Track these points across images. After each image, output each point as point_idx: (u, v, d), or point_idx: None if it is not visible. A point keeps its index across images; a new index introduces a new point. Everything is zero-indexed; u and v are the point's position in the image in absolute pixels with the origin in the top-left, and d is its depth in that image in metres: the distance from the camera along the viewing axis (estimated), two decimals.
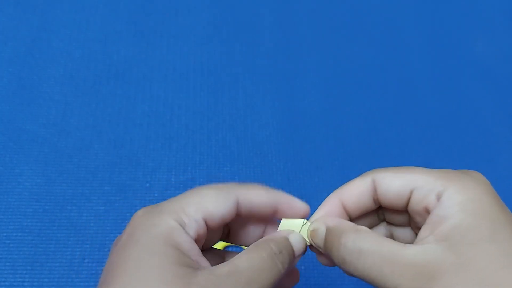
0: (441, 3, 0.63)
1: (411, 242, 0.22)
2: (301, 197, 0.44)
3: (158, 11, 0.55)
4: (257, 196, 0.23)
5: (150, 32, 0.53)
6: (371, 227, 0.25)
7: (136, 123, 0.46)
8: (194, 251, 0.20)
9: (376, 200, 0.24)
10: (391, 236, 0.26)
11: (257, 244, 0.22)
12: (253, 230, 0.26)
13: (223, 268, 0.20)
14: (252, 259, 0.21)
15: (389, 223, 0.26)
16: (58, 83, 0.47)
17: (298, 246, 0.23)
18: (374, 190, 0.23)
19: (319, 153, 0.47)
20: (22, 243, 0.38)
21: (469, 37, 0.60)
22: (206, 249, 0.25)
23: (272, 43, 0.54)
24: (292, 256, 0.23)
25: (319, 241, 0.23)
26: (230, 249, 0.38)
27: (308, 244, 0.24)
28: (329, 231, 0.22)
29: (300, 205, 0.24)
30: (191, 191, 0.22)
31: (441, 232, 0.19)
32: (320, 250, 0.24)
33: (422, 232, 0.20)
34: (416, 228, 0.24)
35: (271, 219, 0.25)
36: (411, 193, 0.22)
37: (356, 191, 0.24)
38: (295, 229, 0.25)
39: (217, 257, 0.25)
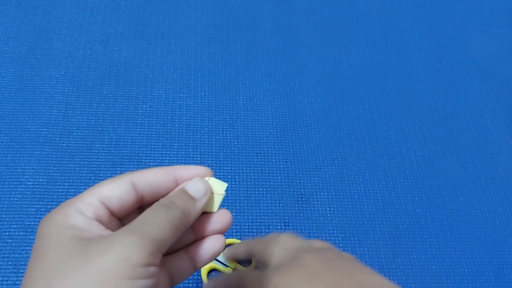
0: (440, 3, 0.63)
1: None
2: (300, 197, 0.44)
3: (159, 12, 0.55)
4: (152, 173, 0.24)
5: (151, 33, 0.53)
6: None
7: (137, 122, 0.46)
8: (95, 227, 0.21)
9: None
10: None
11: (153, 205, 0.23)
12: None
13: (122, 228, 0.21)
14: (145, 212, 0.22)
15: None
16: (60, 83, 0.47)
17: (195, 190, 0.24)
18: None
19: (319, 152, 0.47)
20: (24, 242, 0.38)
21: (468, 36, 0.60)
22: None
23: (272, 43, 0.54)
24: (191, 200, 0.23)
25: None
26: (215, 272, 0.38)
27: (215, 209, 0.25)
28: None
29: (197, 170, 0.25)
30: (91, 186, 0.24)
31: None
32: None
33: None
34: None
35: None
36: None
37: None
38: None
39: None
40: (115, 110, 0.46)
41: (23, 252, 0.38)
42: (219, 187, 0.25)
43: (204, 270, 0.39)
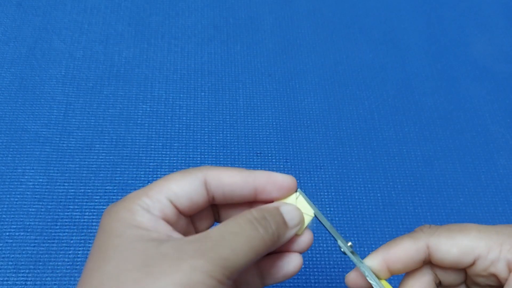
0: (440, 3, 0.63)
1: None
2: None
3: (159, 12, 0.55)
4: (228, 176, 0.21)
5: (151, 33, 0.53)
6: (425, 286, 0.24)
7: (137, 123, 0.46)
8: (162, 227, 0.19)
9: (426, 261, 0.22)
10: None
11: (238, 214, 0.20)
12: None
13: (191, 237, 0.19)
14: (226, 225, 0.19)
15: (441, 282, 0.24)
16: (60, 84, 0.47)
17: (290, 216, 0.21)
18: (427, 255, 0.22)
19: (319, 152, 0.47)
20: (24, 242, 0.38)
21: (468, 36, 0.60)
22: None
23: (272, 43, 0.54)
24: (284, 225, 0.21)
25: None
26: None
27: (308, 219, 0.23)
28: None
29: (282, 179, 0.22)
30: (160, 179, 0.21)
31: None
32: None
33: None
34: (472, 283, 0.23)
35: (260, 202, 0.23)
36: (473, 261, 0.21)
37: (405, 256, 0.22)
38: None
39: None
40: (115, 110, 0.46)
41: (23, 252, 0.38)
42: (308, 207, 0.23)
43: None
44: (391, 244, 0.23)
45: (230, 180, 0.21)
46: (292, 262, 0.22)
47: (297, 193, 0.23)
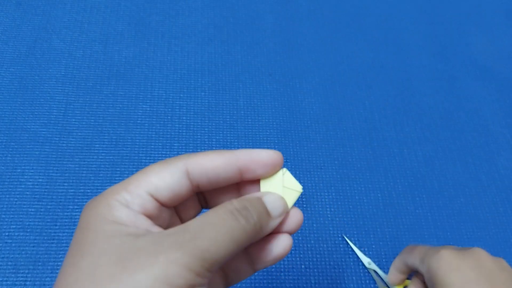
0: (441, 3, 0.63)
1: None
2: (301, 197, 0.44)
3: (159, 12, 0.55)
4: (210, 161, 0.20)
5: (151, 33, 0.53)
6: None
7: (137, 122, 0.46)
8: (141, 222, 0.19)
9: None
10: None
11: (219, 205, 0.20)
12: (228, 198, 0.23)
13: (169, 230, 0.18)
14: (205, 216, 0.19)
15: None
16: (60, 83, 0.47)
17: (273, 205, 0.21)
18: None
19: (319, 153, 0.47)
20: (24, 242, 0.38)
21: (469, 36, 0.60)
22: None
23: (272, 43, 0.54)
24: (266, 215, 0.20)
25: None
26: None
27: (289, 206, 0.22)
28: None
29: (266, 155, 0.21)
30: (138, 171, 0.20)
31: None
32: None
33: None
34: None
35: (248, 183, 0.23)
36: None
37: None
38: (277, 186, 0.22)
39: None
40: (115, 110, 0.46)
41: (23, 252, 0.37)
42: (295, 183, 0.22)
43: None
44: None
45: (212, 164, 0.20)
46: (281, 244, 0.22)
47: (284, 169, 0.22)
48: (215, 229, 0.18)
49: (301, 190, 0.22)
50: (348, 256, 0.41)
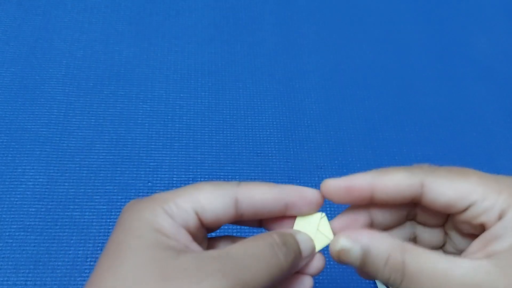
0: (442, 2, 0.63)
1: (438, 244, 0.22)
2: None
3: (159, 12, 0.55)
4: (260, 193, 0.21)
5: (152, 33, 0.53)
6: (395, 224, 0.23)
7: (137, 122, 0.46)
8: (182, 236, 0.19)
9: (415, 200, 0.21)
10: (415, 236, 0.24)
11: (259, 234, 0.20)
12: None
13: (212, 252, 0.18)
14: (248, 246, 0.19)
15: (417, 222, 0.24)
16: (60, 83, 0.47)
17: (305, 245, 0.21)
18: (420, 193, 0.21)
19: (319, 152, 0.47)
20: (24, 243, 0.38)
21: (470, 36, 0.60)
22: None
23: (273, 43, 0.54)
24: (299, 254, 0.21)
25: (354, 262, 0.20)
26: None
27: (317, 250, 0.22)
28: (367, 252, 0.20)
29: (312, 194, 0.22)
30: (190, 185, 0.21)
31: (495, 251, 0.18)
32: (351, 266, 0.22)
33: (473, 246, 0.20)
34: (451, 228, 0.23)
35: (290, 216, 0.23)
36: (467, 207, 0.20)
37: (395, 188, 0.21)
38: (311, 228, 0.23)
39: (229, 242, 0.23)
40: (115, 110, 0.46)
41: (24, 252, 0.37)
42: (329, 229, 0.22)
43: None
44: (384, 171, 0.21)
45: (262, 197, 0.21)
46: (303, 285, 0.22)
47: (323, 214, 0.23)
48: (257, 263, 0.18)
49: (332, 238, 0.22)
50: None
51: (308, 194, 0.22)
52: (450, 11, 0.62)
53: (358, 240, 0.20)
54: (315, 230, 0.22)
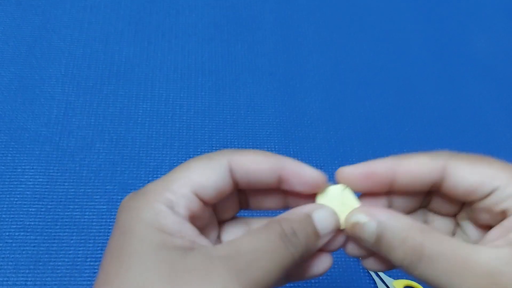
0: (442, 1, 0.63)
1: (448, 234, 0.21)
2: None
3: (159, 11, 0.55)
4: (254, 162, 0.20)
5: (152, 32, 0.52)
6: (407, 212, 0.22)
7: (137, 122, 0.46)
8: (187, 231, 0.18)
9: (435, 186, 0.20)
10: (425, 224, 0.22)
11: (267, 224, 0.19)
12: (270, 201, 0.22)
13: (221, 249, 0.17)
14: (257, 240, 0.18)
15: (429, 209, 0.23)
16: (60, 82, 0.47)
17: (324, 224, 0.20)
18: (441, 178, 0.20)
19: (319, 152, 0.47)
20: (24, 242, 0.38)
21: (470, 35, 0.60)
22: (227, 219, 0.22)
23: (273, 43, 0.54)
24: (314, 237, 0.19)
25: (368, 238, 0.19)
26: None
27: (342, 226, 0.21)
28: (384, 229, 0.19)
29: (310, 174, 0.20)
30: (180, 166, 0.19)
31: None
32: (366, 244, 0.20)
33: (493, 234, 0.19)
34: (464, 218, 0.22)
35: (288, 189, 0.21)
36: (489, 193, 0.19)
37: (418, 172, 0.20)
38: (335, 201, 0.21)
39: (242, 226, 0.22)
40: (115, 109, 0.46)
41: (23, 252, 0.37)
42: (354, 200, 0.21)
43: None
44: (404, 156, 0.20)
45: (256, 167, 0.20)
46: (321, 264, 0.21)
47: (344, 185, 0.21)
48: (268, 259, 0.17)
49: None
50: (348, 256, 0.41)
51: (305, 173, 0.20)
52: (450, 10, 0.62)
53: (375, 215, 0.19)
54: (340, 204, 0.21)
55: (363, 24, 0.58)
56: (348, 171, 0.21)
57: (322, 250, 0.21)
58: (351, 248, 0.21)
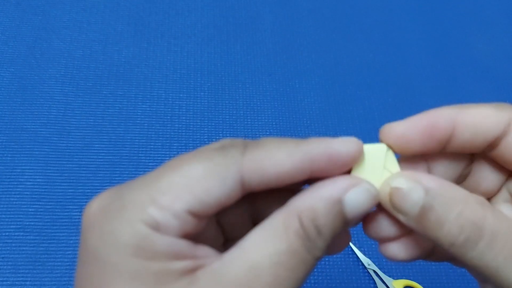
0: (441, 2, 0.63)
1: None
2: None
3: (158, 11, 0.55)
4: (274, 164, 0.15)
5: (151, 32, 0.53)
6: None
7: (136, 122, 0.46)
8: (183, 248, 0.14)
9: (494, 144, 0.17)
10: None
11: (284, 218, 0.15)
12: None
13: (231, 267, 0.14)
14: (275, 254, 0.14)
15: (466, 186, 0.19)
16: (59, 83, 0.47)
17: (355, 205, 0.15)
18: (503, 134, 0.16)
19: None
20: (23, 243, 0.38)
21: (470, 36, 0.60)
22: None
23: (272, 43, 0.54)
24: (342, 226, 0.15)
25: (410, 209, 0.15)
26: None
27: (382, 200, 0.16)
28: (433, 198, 0.15)
29: (344, 149, 0.16)
30: (169, 165, 0.15)
31: None
32: (400, 217, 0.16)
33: None
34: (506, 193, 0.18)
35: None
36: None
37: (481, 125, 0.16)
38: (376, 167, 0.17)
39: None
40: (114, 110, 0.46)
41: (22, 252, 0.37)
42: (396, 166, 0.17)
43: None
44: (466, 106, 0.17)
45: (277, 169, 0.15)
46: (339, 242, 0.18)
47: (386, 146, 0.17)
48: (289, 275, 0.14)
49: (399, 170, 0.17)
50: (347, 257, 0.41)
51: (339, 149, 0.16)
52: (450, 12, 0.62)
53: (422, 182, 0.15)
54: (381, 169, 0.17)
55: (362, 24, 0.58)
56: (400, 128, 0.17)
57: None
58: (377, 226, 0.17)
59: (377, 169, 0.17)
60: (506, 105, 0.17)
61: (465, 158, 0.18)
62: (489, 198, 0.19)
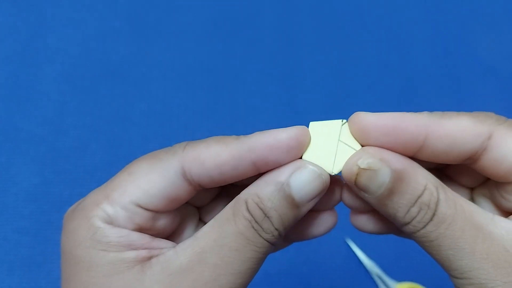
0: (444, 1, 0.62)
1: None
2: None
3: (156, 9, 0.54)
4: (212, 156, 0.16)
5: (149, 30, 0.52)
6: None
7: (134, 122, 0.45)
8: (137, 240, 0.16)
9: (474, 158, 0.16)
10: None
11: (233, 206, 0.16)
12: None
13: (182, 256, 0.15)
14: (222, 236, 0.15)
15: (445, 175, 0.19)
16: (55, 82, 0.47)
17: (305, 191, 0.16)
18: (483, 148, 0.16)
19: None
20: (19, 244, 0.38)
21: (473, 34, 0.59)
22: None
23: (272, 42, 0.54)
24: (292, 210, 0.16)
25: (376, 189, 0.16)
26: None
27: (335, 174, 0.17)
28: (399, 179, 0.15)
29: (285, 137, 0.16)
30: (124, 169, 0.17)
31: None
32: (361, 194, 0.16)
33: None
34: (482, 195, 0.19)
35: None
36: None
37: (457, 137, 0.16)
38: (330, 139, 0.17)
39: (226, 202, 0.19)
40: (111, 109, 0.46)
41: (18, 254, 0.37)
42: (353, 141, 0.17)
43: None
44: (442, 114, 0.17)
45: (215, 162, 0.16)
46: (322, 223, 0.18)
47: (343, 120, 0.18)
48: (238, 260, 0.15)
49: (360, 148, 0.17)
50: (350, 260, 0.41)
51: (279, 138, 0.16)
52: (454, 9, 0.61)
53: (389, 162, 0.16)
54: (336, 141, 0.17)
55: (364, 24, 0.58)
56: (368, 119, 0.17)
57: (316, 209, 0.18)
58: (347, 198, 0.18)
59: (332, 143, 0.17)
60: (488, 116, 0.17)
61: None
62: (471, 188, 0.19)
